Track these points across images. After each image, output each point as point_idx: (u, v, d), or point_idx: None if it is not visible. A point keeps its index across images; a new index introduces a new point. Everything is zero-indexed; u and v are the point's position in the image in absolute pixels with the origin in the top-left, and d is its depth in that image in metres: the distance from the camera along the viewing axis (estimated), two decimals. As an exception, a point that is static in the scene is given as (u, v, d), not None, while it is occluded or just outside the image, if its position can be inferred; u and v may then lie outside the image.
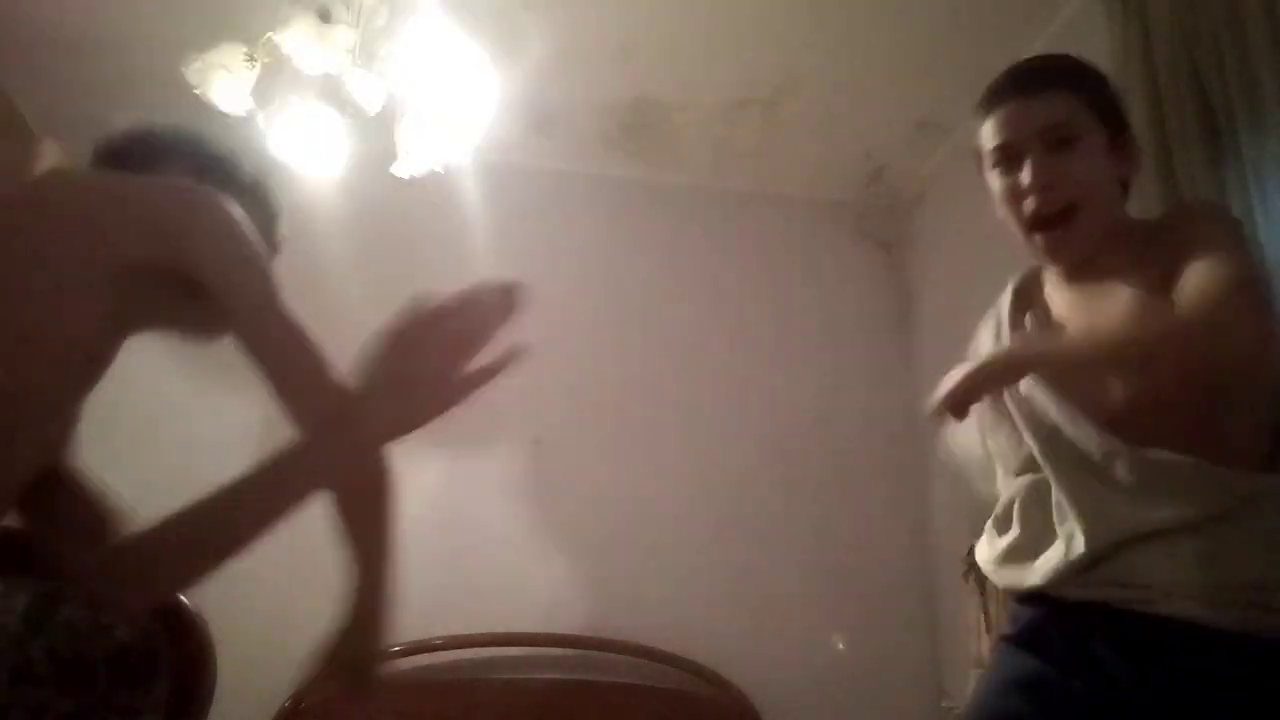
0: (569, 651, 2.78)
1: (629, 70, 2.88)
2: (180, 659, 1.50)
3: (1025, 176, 1.16)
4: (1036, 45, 2.66)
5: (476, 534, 2.91)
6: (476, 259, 3.12)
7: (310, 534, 3.20)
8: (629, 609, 2.84)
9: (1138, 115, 2.00)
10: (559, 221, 3.28)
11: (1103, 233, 1.18)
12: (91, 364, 1.04)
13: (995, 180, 1.21)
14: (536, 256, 3.21)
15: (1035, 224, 1.19)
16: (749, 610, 2.90)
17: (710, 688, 2.75)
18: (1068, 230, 1.17)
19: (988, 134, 1.21)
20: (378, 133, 2.08)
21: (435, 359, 0.94)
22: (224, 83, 1.91)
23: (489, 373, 0.90)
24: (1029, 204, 1.17)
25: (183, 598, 1.55)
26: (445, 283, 3.16)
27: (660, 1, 2.63)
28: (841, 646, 2.90)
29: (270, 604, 2.71)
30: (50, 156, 2.66)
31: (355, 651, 1.09)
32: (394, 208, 2.91)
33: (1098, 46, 2.22)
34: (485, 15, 2.49)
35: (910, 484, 3.07)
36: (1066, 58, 1.26)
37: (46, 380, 0.94)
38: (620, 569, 2.90)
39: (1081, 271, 1.22)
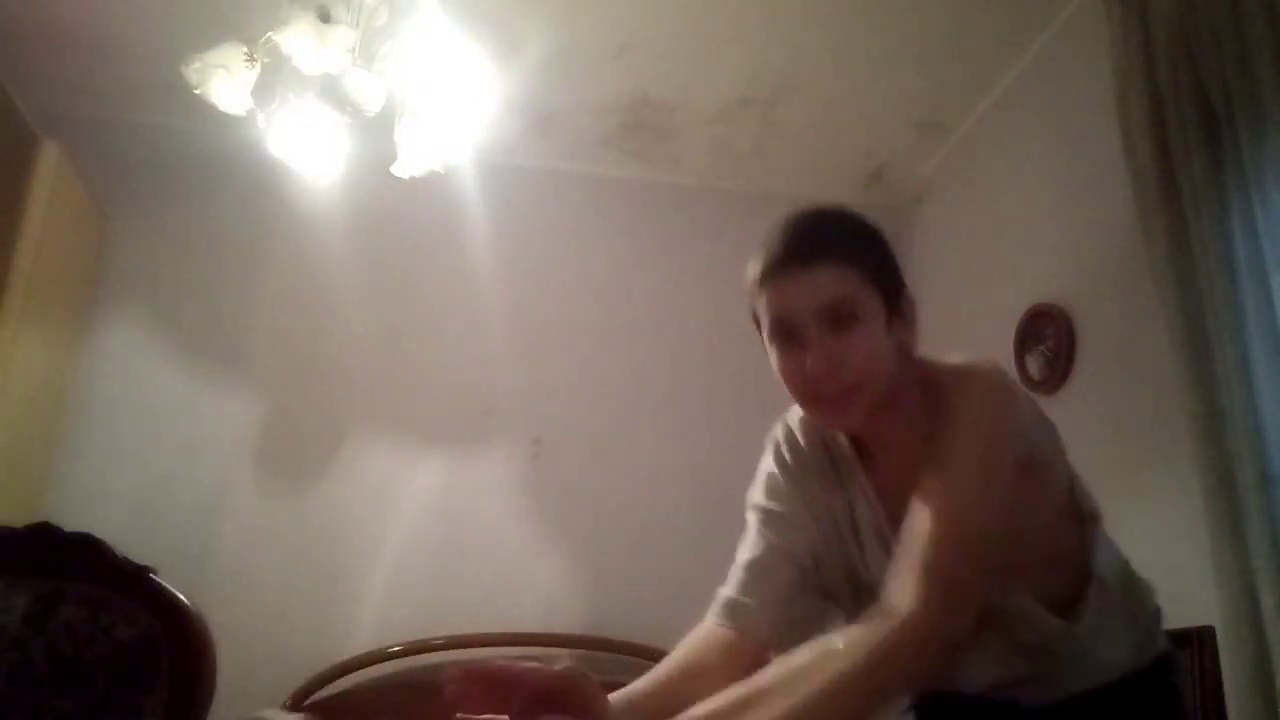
0: (569, 651, 2.78)
1: (628, 70, 2.88)
2: (180, 659, 1.49)
3: (808, 362, 1.12)
4: (1036, 45, 2.67)
5: (476, 534, 2.92)
6: (476, 259, 3.12)
7: (310, 534, 3.21)
8: (629, 609, 2.84)
9: (1138, 115, 2.00)
10: (558, 221, 3.28)
11: (881, 401, 1.15)
12: None
13: (773, 354, 1.18)
14: (535, 256, 3.21)
15: (816, 403, 1.17)
16: (749, 610, 2.90)
17: (710, 688, 2.75)
18: (846, 406, 1.14)
19: (764, 306, 1.17)
20: (378, 133, 2.08)
21: None
22: (224, 83, 1.91)
23: None
24: (810, 387, 1.14)
25: (182, 597, 1.55)
26: (445, 282, 3.20)
27: (660, 1, 2.63)
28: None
29: (270, 604, 2.71)
30: (50, 156, 2.66)
31: None
32: (394, 208, 2.91)
33: (1098, 46, 2.22)
34: (485, 15, 2.49)
35: (910, 484, 3.07)
36: (839, 219, 1.19)
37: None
38: (620, 569, 2.90)
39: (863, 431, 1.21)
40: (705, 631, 1.25)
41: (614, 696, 1.11)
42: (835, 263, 1.12)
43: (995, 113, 2.91)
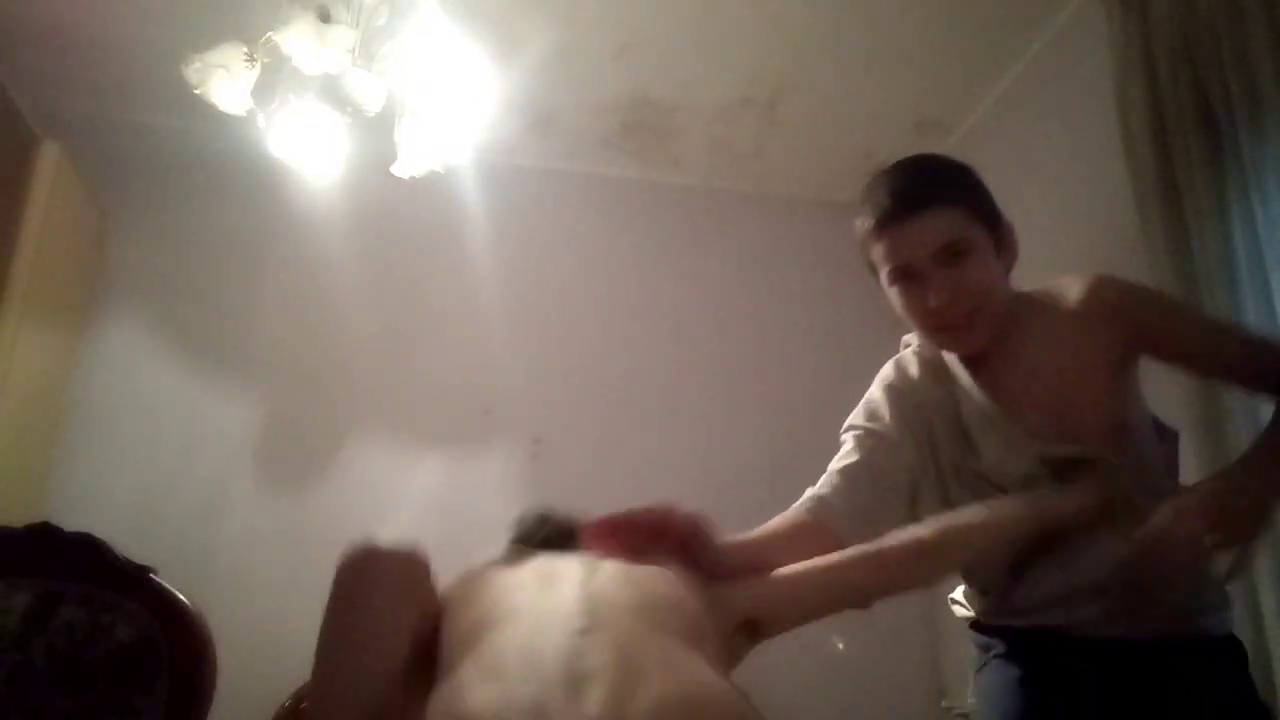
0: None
1: (628, 70, 2.87)
2: (180, 659, 1.49)
3: (930, 298, 1.24)
4: (1036, 45, 2.67)
5: (476, 534, 2.91)
6: (476, 259, 3.12)
7: (310, 534, 3.21)
8: (629, 609, 2.84)
9: (1138, 115, 2.00)
10: (558, 221, 3.28)
11: (1000, 321, 1.28)
12: None
13: (895, 294, 1.30)
14: (536, 256, 3.21)
15: (940, 330, 1.29)
16: (749, 610, 2.89)
17: (710, 688, 2.75)
18: (969, 331, 1.27)
19: (881, 254, 1.29)
20: (378, 133, 2.08)
21: None
22: (224, 83, 1.91)
23: None
24: (936, 318, 1.27)
25: (182, 597, 1.55)
26: (445, 282, 3.19)
27: (659, 1, 2.63)
28: (841, 646, 2.90)
29: (270, 604, 2.71)
30: (50, 156, 2.66)
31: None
32: (394, 208, 2.91)
33: (1098, 46, 2.22)
34: (485, 15, 2.49)
35: (910, 484, 3.07)
36: (936, 165, 1.34)
37: None
38: (620, 569, 2.90)
39: (985, 353, 1.31)
40: (790, 515, 1.35)
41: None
42: (941, 206, 1.24)
43: (995, 113, 2.92)
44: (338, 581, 0.94)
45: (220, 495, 2.82)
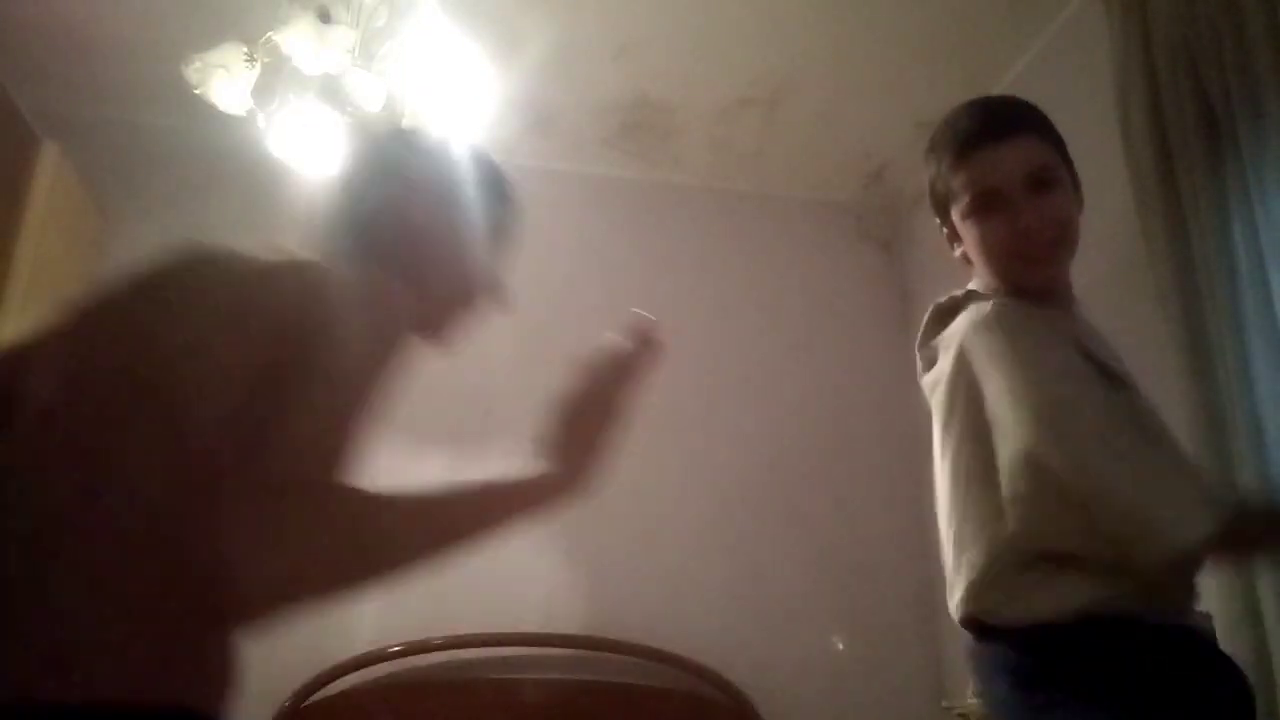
0: (569, 651, 2.78)
1: (628, 70, 2.88)
2: (180, 659, 1.49)
3: (1020, 220, 1.20)
4: (1036, 45, 2.67)
5: (476, 534, 2.91)
6: (476, 259, 3.12)
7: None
8: (629, 609, 2.84)
9: (1138, 115, 2.00)
10: (558, 222, 3.27)
11: (1070, 260, 1.28)
12: None
13: (972, 225, 1.25)
14: (535, 257, 3.19)
15: (1024, 254, 1.24)
16: (749, 610, 2.90)
17: (710, 688, 2.75)
18: (1053, 257, 1.25)
19: (963, 182, 1.24)
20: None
21: (599, 426, 1.06)
22: (224, 83, 1.91)
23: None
24: (1021, 240, 1.22)
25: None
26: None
27: (660, 1, 2.63)
28: (841, 646, 2.90)
29: (270, 604, 2.71)
30: (50, 156, 2.66)
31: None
32: (394, 208, 2.91)
33: (1098, 46, 2.22)
34: (485, 15, 2.49)
35: (910, 483, 3.07)
36: (1018, 101, 1.33)
37: None
38: (620, 569, 2.90)
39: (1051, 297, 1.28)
40: None
41: None
42: (1032, 133, 1.25)
43: (995, 113, 2.91)
44: None
45: (220, 495, 2.82)
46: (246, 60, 1.91)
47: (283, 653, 2.76)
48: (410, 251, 1.12)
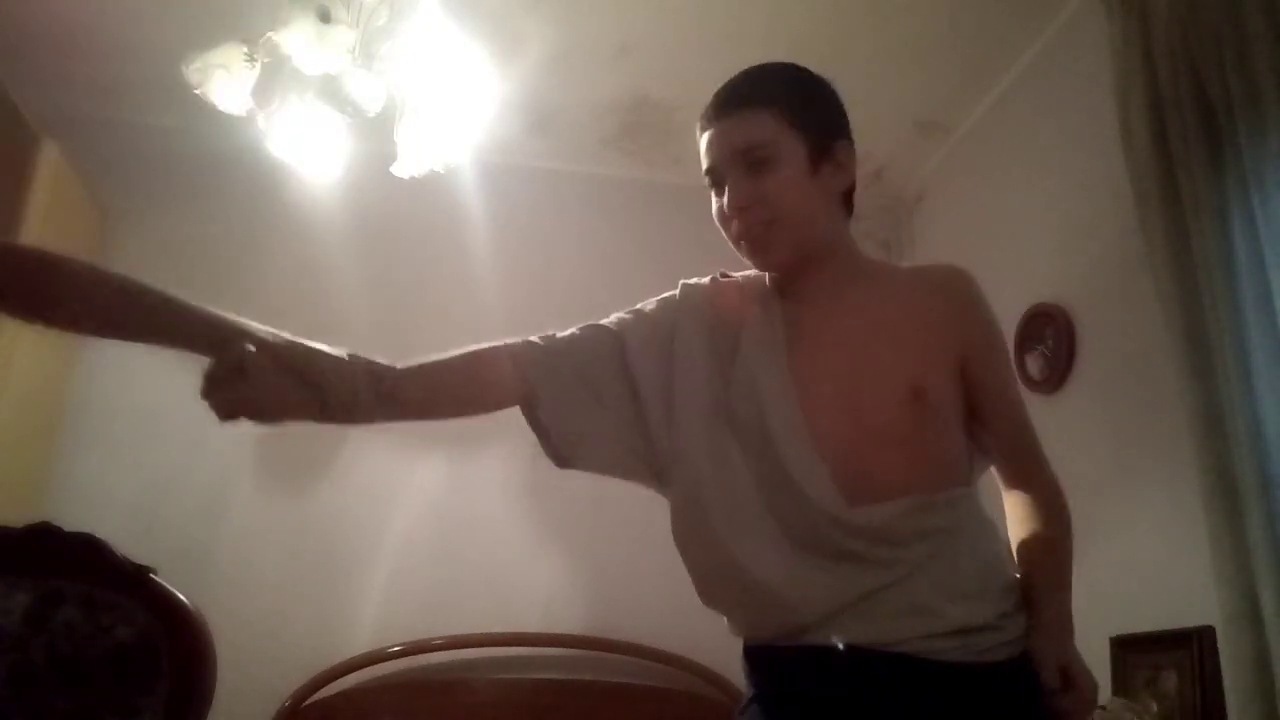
0: (569, 651, 2.78)
1: (628, 70, 2.88)
2: (180, 659, 1.49)
3: (725, 201, 1.18)
4: (1037, 45, 2.67)
5: (476, 534, 2.91)
6: (476, 259, 3.12)
7: (310, 534, 3.21)
8: (629, 609, 2.84)
9: (1138, 115, 2.00)
10: (558, 221, 3.28)
11: (811, 244, 1.19)
12: None
13: (712, 200, 1.23)
14: (535, 256, 3.21)
15: (740, 239, 1.21)
16: (749, 610, 2.90)
17: (710, 688, 2.75)
18: (768, 241, 1.18)
19: (702, 160, 1.23)
20: (378, 133, 2.08)
21: None
22: (224, 83, 1.91)
23: None
24: (734, 226, 1.20)
25: (182, 597, 1.55)
26: (445, 282, 3.18)
27: (659, 1, 2.63)
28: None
29: (270, 604, 2.71)
30: (50, 156, 2.66)
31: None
32: (394, 208, 2.91)
33: (1098, 46, 2.22)
34: (485, 15, 2.49)
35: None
36: (771, 70, 1.25)
37: None
38: (620, 569, 2.90)
39: (802, 289, 1.22)
40: (490, 349, 1.28)
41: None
42: (751, 109, 1.18)
43: (995, 112, 2.92)
44: None
45: (220, 495, 2.82)
46: (246, 60, 1.91)
47: (283, 653, 2.77)
48: None
